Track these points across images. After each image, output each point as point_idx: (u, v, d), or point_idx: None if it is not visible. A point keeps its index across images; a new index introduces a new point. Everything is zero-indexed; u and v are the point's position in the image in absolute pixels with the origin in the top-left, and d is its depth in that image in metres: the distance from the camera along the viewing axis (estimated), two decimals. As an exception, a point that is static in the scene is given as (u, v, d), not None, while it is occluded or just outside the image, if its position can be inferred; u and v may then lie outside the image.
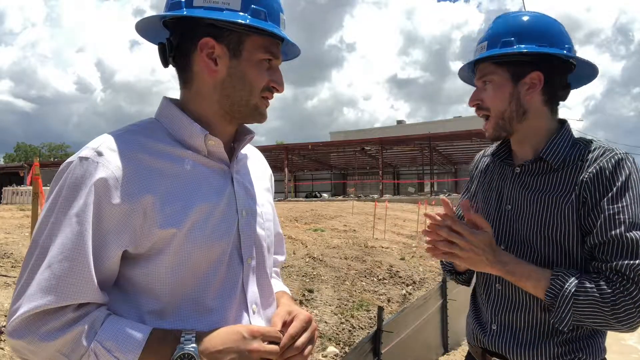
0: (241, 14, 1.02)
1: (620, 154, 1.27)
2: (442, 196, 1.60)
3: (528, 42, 1.32)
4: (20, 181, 32.54)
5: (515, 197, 1.39)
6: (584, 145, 1.33)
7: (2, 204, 22.91)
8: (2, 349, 3.13)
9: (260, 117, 1.12)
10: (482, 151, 1.67)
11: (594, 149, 1.30)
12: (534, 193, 1.34)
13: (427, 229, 1.33)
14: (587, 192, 1.25)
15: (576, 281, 1.21)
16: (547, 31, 1.33)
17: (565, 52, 1.32)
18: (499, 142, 1.52)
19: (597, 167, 1.26)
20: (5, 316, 3.59)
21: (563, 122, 1.41)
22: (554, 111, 1.40)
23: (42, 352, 0.91)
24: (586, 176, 1.26)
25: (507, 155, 1.49)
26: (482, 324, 1.49)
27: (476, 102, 1.40)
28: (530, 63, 1.32)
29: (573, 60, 1.35)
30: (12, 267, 5.13)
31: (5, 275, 4.72)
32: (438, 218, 1.30)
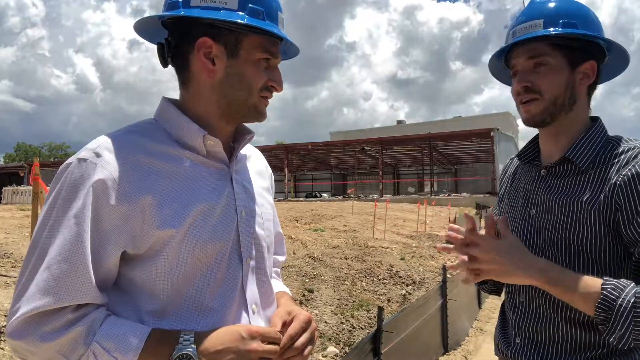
0: (239, 13, 1.02)
1: None
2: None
3: (587, 28, 1.23)
4: (20, 181, 32.54)
5: (540, 201, 1.31)
6: (617, 144, 1.23)
7: (2, 204, 22.92)
8: (2, 349, 3.13)
9: (260, 116, 1.11)
10: (514, 153, 1.57)
11: (628, 149, 1.20)
12: (559, 196, 1.26)
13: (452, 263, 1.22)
14: (621, 198, 1.15)
15: (634, 290, 1.05)
16: (596, 20, 1.27)
17: (620, 44, 1.25)
18: (527, 142, 1.43)
19: (634, 170, 1.15)
20: (6, 316, 3.59)
21: (595, 120, 1.32)
22: (589, 105, 1.32)
23: (41, 353, 0.91)
24: (620, 179, 1.15)
25: (534, 156, 1.40)
26: (507, 337, 1.42)
27: (526, 84, 1.26)
28: (584, 51, 1.24)
29: (608, 57, 1.29)
30: (12, 267, 5.13)
31: (5, 275, 4.72)
32: (450, 246, 1.21)
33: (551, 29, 1.22)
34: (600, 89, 1.34)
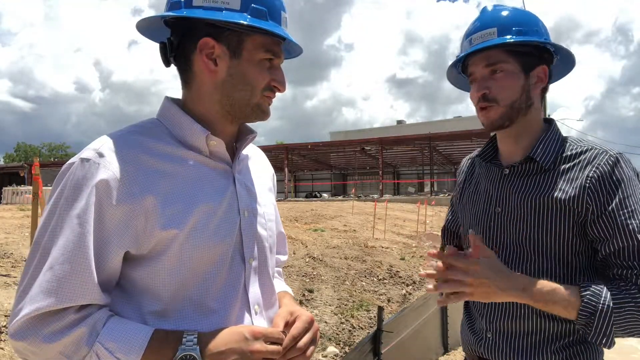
0: (241, 13, 1.01)
1: (615, 154, 1.26)
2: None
3: (535, 35, 1.31)
4: (20, 181, 32.49)
5: (505, 200, 1.36)
6: (574, 144, 1.32)
7: (2, 204, 22.90)
8: (2, 349, 3.13)
9: (263, 114, 1.10)
10: (468, 156, 1.65)
11: (587, 150, 1.29)
12: (525, 195, 1.31)
13: (428, 284, 1.21)
14: (591, 198, 1.22)
15: (609, 293, 1.15)
16: (542, 26, 1.35)
17: (567, 48, 1.33)
18: (485, 143, 1.49)
19: (598, 171, 1.23)
20: (5, 316, 3.59)
21: (551, 121, 1.40)
22: (542, 106, 1.40)
23: (44, 354, 0.91)
24: (587, 181, 1.23)
25: (493, 155, 1.46)
26: (477, 332, 1.45)
27: (484, 91, 1.32)
28: (535, 56, 1.32)
29: (556, 59, 1.38)
30: (12, 267, 5.13)
31: (6, 275, 4.72)
32: (432, 271, 1.19)
33: (506, 37, 1.29)
34: (600, 88, 1.39)
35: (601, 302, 1.14)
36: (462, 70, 1.45)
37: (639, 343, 5.35)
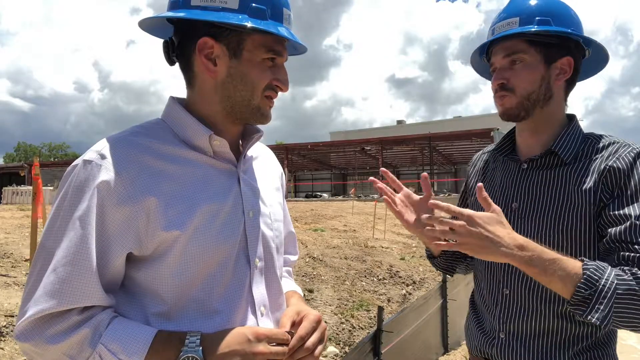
0: (238, 14, 0.99)
1: (638, 148, 1.22)
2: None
3: (561, 25, 1.27)
4: (20, 181, 32.47)
5: (522, 195, 1.32)
6: (596, 139, 1.28)
7: (2, 204, 22.89)
8: (2, 349, 3.13)
9: (263, 118, 1.09)
10: (481, 150, 1.61)
11: (610, 143, 1.26)
12: (545, 188, 1.28)
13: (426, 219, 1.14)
14: (611, 186, 1.19)
15: (613, 272, 1.07)
16: (574, 16, 1.30)
17: (599, 41, 1.30)
18: (503, 137, 1.45)
19: (618, 163, 1.20)
20: (5, 316, 3.59)
21: (572, 117, 1.36)
22: (566, 101, 1.36)
23: (48, 355, 0.92)
24: (606, 172, 1.20)
25: (510, 150, 1.42)
26: (487, 333, 1.39)
27: (502, 81, 1.30)
28: (560, 47, 1.28)
29: (589, 51, 1.33)
30: (12, 267, 5.13)
31: (6, 275, 4.72)
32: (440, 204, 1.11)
33: (527, 27, 1.26)
34: (600, 88, 1.37)
35: (604, 277, 1.05)
36: (487, 60, 1.43)
37: (639, 343, 5.35)
